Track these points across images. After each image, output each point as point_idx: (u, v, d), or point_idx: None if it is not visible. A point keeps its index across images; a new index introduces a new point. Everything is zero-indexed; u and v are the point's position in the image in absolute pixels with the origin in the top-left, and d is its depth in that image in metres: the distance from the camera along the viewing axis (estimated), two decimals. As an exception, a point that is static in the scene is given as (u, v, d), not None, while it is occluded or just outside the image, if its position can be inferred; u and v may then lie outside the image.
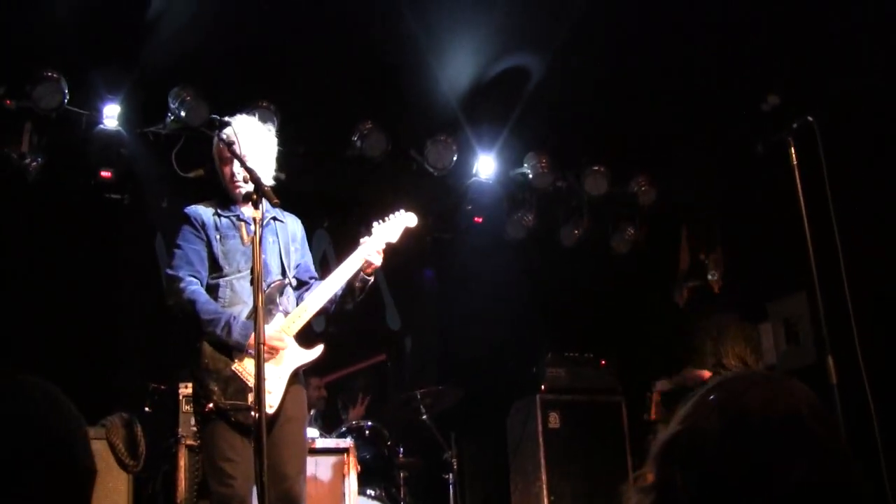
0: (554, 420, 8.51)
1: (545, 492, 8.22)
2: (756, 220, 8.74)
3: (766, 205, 8.39)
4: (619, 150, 8.95)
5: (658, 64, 7.60)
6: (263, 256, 4.38)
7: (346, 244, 5.20)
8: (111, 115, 7.45)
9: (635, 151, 9.01)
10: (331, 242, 9.11)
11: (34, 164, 7.35)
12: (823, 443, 1.51)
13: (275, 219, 4.96)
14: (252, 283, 4.07)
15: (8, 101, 7.14)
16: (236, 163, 4.64)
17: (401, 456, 7.39)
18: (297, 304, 4.89)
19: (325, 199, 8.89)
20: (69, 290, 7.77)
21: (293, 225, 5.12)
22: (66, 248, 7.87)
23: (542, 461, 8.31)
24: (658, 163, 9.12)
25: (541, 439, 8.39)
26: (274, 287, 4.76)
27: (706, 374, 7.00)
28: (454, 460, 7.52)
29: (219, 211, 4.87)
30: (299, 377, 4.83)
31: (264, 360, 4.24)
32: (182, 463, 6.08)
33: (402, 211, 5.14)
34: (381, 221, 5.05)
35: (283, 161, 5.08)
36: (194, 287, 4.68)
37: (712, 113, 8.17)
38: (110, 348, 8.06)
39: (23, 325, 7.48)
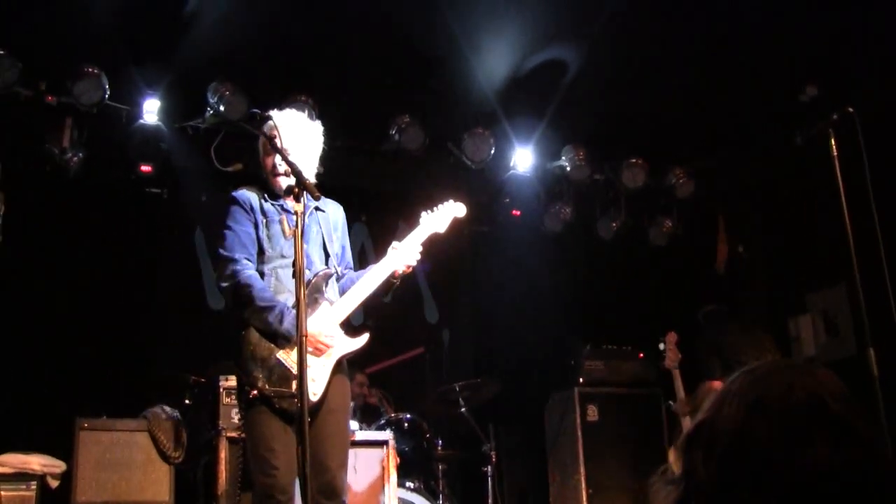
0: (592, 413, 8.49)
1: (583, 484, 8.21)
2: (795, 211, 8.68)
3: (806, 196, 8.35)
4: (657, 143, 8.91)
5: (695, 56, 7.55)
6: (306, 247, 4.38)
7: (384, 237, 5.21)
8: (151, 110, 7.52)
9: (672, 143, 8.97)
10: (369, 235, 9.13)
11: (75, 158, 7.44)
12: (848, 428, 1.50)
13: (317, 208, 4.95)
14: (294, 275, 4.07)
15: (49, 97, 7.22)
16: (278, 156, 4.66)
17: (439, 448, 7.38)
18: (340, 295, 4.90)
19: (363, 192, 8.91)
20: (109, 283, 7.85)
21: (335, 213, 5.11)
22: (106, 241, 7.95)
23: (581, 454, 8.29)
24: (695, 155, 9.08)
25: (579, 432, 8.37)
26: (320, 277, 4.75)
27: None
28: (492, 453, 7.53)
29: (265, 196, 4.89)
30: (343, 366, 4.81)
31: (313, 355, 4.30)
32: (223, 455, 6.11)
33: (451, 201, 5.08)
34: (429, 212, 5.03)
35: (321, 155, 5.09)
36: (250, 272, 4.67)
37: (751, 104, 8.13)
38: (150, 341, 8.12)
39: (65, 318, 7.57)
